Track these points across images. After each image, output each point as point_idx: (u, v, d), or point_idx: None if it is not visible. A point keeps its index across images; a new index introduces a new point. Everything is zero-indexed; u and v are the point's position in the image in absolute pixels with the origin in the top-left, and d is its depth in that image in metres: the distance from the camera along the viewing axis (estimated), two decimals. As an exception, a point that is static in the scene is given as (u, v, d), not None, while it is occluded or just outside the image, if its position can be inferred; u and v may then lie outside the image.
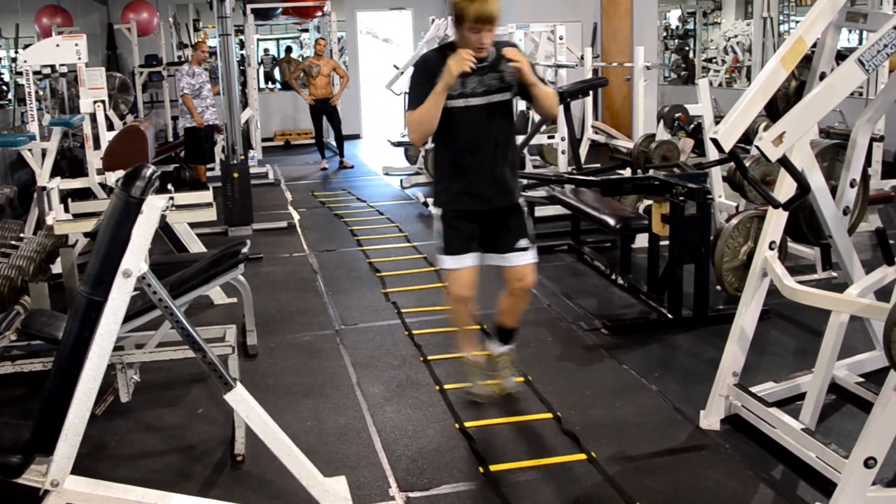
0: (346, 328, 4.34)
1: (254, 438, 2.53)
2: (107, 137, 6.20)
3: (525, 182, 5.42)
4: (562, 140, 7.20)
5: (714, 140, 2.54)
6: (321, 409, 3.36)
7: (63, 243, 4.34)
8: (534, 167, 8.23)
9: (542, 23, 8.79)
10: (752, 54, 11.59)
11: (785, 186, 2.87)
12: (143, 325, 3.04)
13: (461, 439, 3.06)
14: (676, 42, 14.18)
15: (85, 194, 5.84)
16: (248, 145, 9.43)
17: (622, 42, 10.83)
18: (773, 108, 3.13)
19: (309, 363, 3.89)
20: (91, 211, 4.70)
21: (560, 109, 6.41)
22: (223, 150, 7.35)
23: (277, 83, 14.33)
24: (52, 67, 7.72)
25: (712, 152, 5.30)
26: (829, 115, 3.32)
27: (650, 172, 4.77)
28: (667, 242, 4.29)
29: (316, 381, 3.65)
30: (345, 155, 10.18)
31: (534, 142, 7.43)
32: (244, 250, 3.21)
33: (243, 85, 9.95)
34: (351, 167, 10.01)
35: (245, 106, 9.44)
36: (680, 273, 4.22)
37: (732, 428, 3.04)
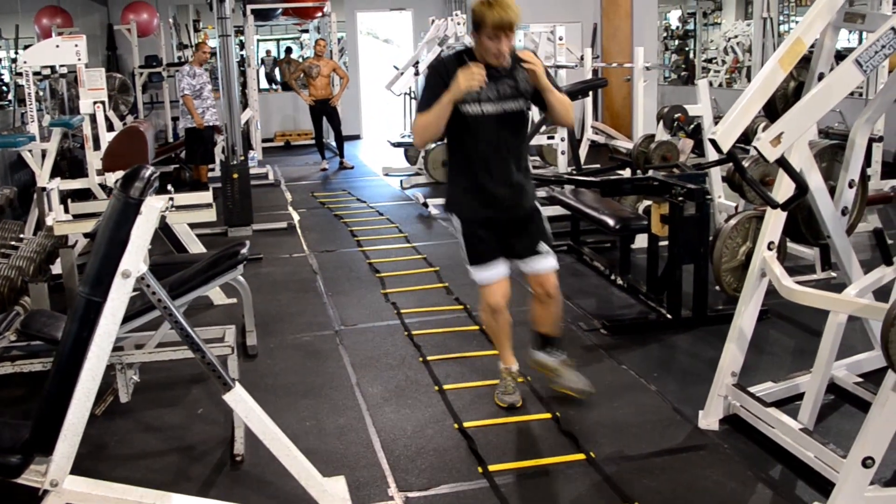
0: (346, 329, 4.34)
1: (253, 439, 2.53)
2: (106, 138, 6.20)
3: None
4: (561, 140, 7.20)
5: (712, 140, 2.55)
6: (320, 410, 3.36)
7: (63, 244, 4.35)
8: (533, 167, 8.21)
9: (542, 23, 8.79)
10: (752, 55, 11.60)
11: (783, 187, 2.87)
12: (143, 326, 3.04)
13: (460, 439, 3.06)
14: (676, 42, 14.19)
15: (85, 195, 5.83)
16: (249, 146, 9.44)
17: (622, 42, 10.82)
18: (772, 109, 3.13)
19: (308, 364, 3.89)
20: (91, 212, 4.71)
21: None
22: (223, 151, 7.36)
23: (275, 84, 14.34)
24: (52, 68, 7.72)
25: (712, 153, 5.30)
26: (829, 116, 3.32)
27: (650, 173, 4.76)
28: (666, 243, 4.29)
29: (315, 382, 3.66)
30: (345, 155, 10.17)
31: (533, 142, 7.40)
32: (244, 251, 3.22)
33: (243, 86, 9.95)
34: (351, 168, 10.01)
35: (245, 107, 9.44)
36: (679, 273, 4.22)
37: (731, 428, 3.05)
